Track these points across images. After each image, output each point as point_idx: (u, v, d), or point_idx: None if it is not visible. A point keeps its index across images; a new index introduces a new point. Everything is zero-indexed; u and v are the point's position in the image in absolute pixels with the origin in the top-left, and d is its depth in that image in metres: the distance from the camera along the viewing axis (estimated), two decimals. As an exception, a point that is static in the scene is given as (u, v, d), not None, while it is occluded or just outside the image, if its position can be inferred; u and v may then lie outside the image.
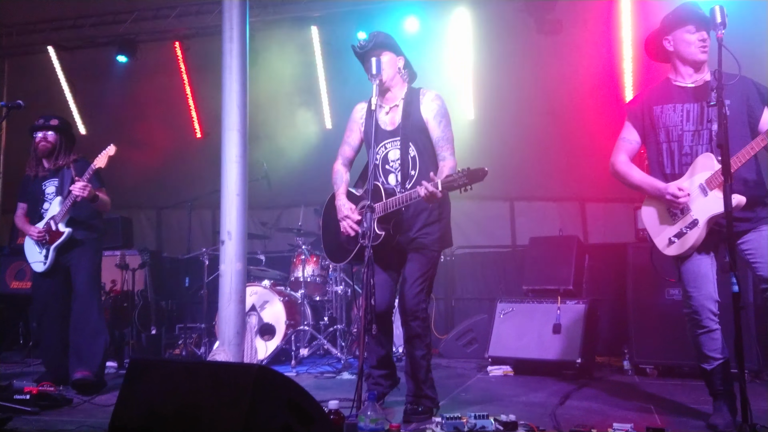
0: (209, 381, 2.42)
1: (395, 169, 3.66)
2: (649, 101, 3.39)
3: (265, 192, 6.60)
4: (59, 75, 7.87)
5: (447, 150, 3.60)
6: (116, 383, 4.81)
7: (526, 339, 5.29)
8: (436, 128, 3.61)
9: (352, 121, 3.88)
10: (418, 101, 3.65)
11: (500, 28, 6.79)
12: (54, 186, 4.80)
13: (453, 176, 3.20)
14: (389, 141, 3.67)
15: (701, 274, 3.20)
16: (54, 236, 4.67)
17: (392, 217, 3.51)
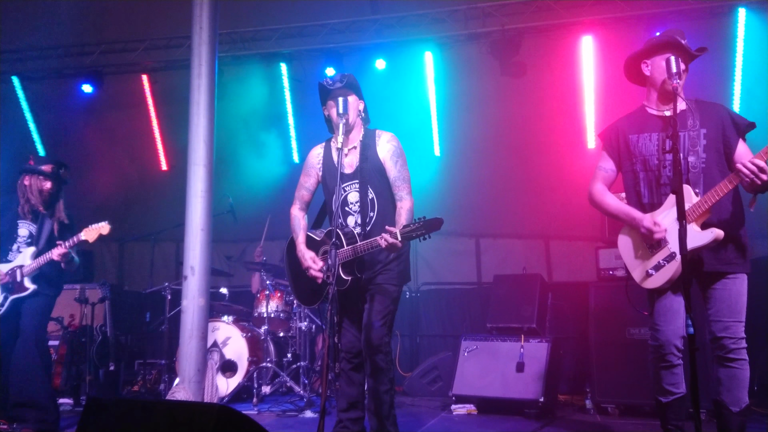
0: (167, 421, 2.37)
1: (354, 212, 3.70)
2: (624, 130, 3.34)
3: (231, 226, 6.55)
4: (23, 105, 7.76)
5: (404, 190, 3.66)
6: (72, 421, 4.67)
7: (490, 377, 5.28)
8: (393, 168, 3.68)
9: (308, 166, 3.92)
10: (375, 143, 3.72)
11: (466, 69, 6.97)
12: (29, 230, 4.65)
13: (411, 227, 3.27)
14: (348, 184, 3.71)
15: (672, 308, 3.16)
16: (17, 287, 4.51)
17: (354, 262, 3.56)
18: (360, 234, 3.60)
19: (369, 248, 3.46)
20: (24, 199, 4.64)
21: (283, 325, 6.33)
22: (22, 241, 4.65)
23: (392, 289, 3.66)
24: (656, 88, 3.30)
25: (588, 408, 5.27)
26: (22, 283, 4.51)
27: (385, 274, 3.66)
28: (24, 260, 4.56)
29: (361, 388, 3.76)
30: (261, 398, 5.67)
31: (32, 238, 4.64)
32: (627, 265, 3.31)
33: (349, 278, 3.54)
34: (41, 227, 4.64)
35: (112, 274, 8.47)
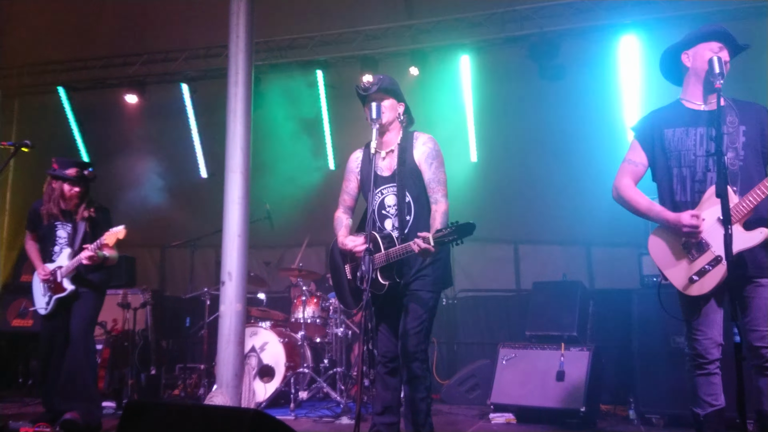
0: (203, 426, 2.39)
1: (392, 215, 3.67)
2: (659, 123, 3.17)
3: (268, 231, 6.61)
4: (69, 115, 7.98)
5: (439, 192, 3.61)
6: (114, 424, 4.75)
7: (529, 386, 5.19)
8: (428, 170, 3.63)
9: (348, 171, 3.90)
10: (412, 146, 3.69)
11: (503, 73, 6.90)
12: (66, 232, 4.75)
13: (443, 232, 3.23)
14: (385, 187, 3.69)
15: (710, 315, 3.02)
16: (58, 287, 4.64)
17: (393, 266, 3.52)
18: (398, 238, 3.57)
19: (402, 253, 3.43)
20: (53, 203, 4.72)
21: (320, 331, 6.34)
22: (62, 242, 4.75)
23: (428, 296, 3.61)
24: (697, 80, 3.14)
25: (631, 418, 5.14)
26: (61, 284, 4.64)
27: (422, 280, 3.60)
28: (63, 261, 4.69)
29: (396, 393, 3.72)
30: (298, 404, 5.68)
31: (69, 239, 4.74)
32: (663, 270, 3.12)
33: (387, 283, 3.50)
34: (75, 229, 4.74)
35: (153, 279, 8.63)
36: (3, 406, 5.95)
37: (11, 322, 7.21)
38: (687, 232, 2.99)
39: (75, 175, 4.69)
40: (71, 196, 4.71)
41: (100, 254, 4.59)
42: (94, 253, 4.53)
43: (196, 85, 7.70)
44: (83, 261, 4.53)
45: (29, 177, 7.43)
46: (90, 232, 4.71)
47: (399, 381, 3.71)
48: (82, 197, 4.77)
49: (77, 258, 4.57)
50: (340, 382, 5.73)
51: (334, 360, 6.12)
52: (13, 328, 7.20)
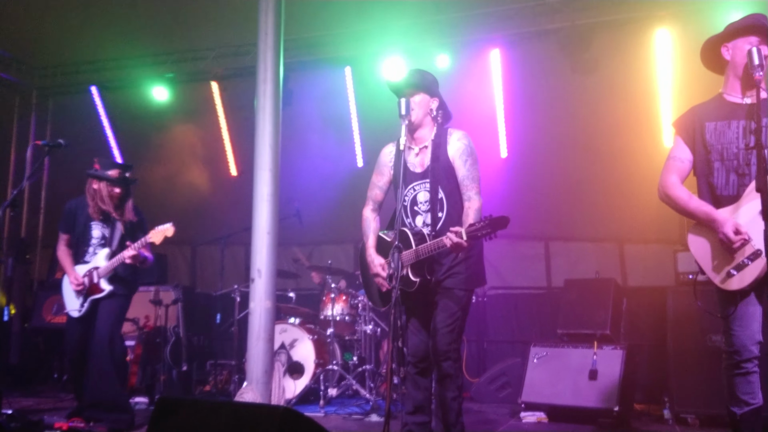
0: (233, 422, 2.39)
1: (423, 211, 3.63)
2: (701, 117, 3.12)
3: (297, 229, 6.62)
4: (101, 114, 8.10)
5: (472, 189, 3.56)
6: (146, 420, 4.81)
7: (561, 385, 5.13)
8: (462, 167, 3.58)
9: (380, 164, 3.85)
10: (446, 142, 3.63)
11: (534, 67, 6.80)
12: (102, 232, 4.77)
13: (476, 225, 3.18)
14: (418, 183, 3.64)
15: (748, 312, 2.96)
16: (93, 289, 4.66)
17: (424, 263, 3.48)
18: (430, 234, 3.53)
19: (433, 249, 3.38)
20: (93, 203, 4.74)
21: (349, 328, 6.34)
22: (96, 242, 4.77)
23: (460, 294, 3.56)
24: (737, 74, 3.09)
25: (666, 418, 5.03)
26: (98, 285, 4.65)
27: (454, 278, 3.55)
28: (99, 261, 4.70)
29: (427, 392, 3.68)
30: (328, 400, 5.68)
31: (105, 239, 4.76)
32: (701, 265, 3.07)
33: (418, 280, 3.45)
34: (113, 229, 4.76)
35: (184, 276, 8.72)
36: (39, 401, 6.07)
37: (47, 318, 7.35)
38: (720, 239, 2.95)
39: (117, 177, 4.74)
40: (113, 197, 4.74)
41: (142, 255, 4.62)
42: (137, 252, 4.55)
43: (226, 83, 7.75)
44: (126, 260, 4.55)
45: (63, 175, 7.56)
46: (127, 233, 4.74)
47: (430, 380, 3.70)
48: (122, 199, 4.79)
49: (119, 257, 4.59)
50: (370, 380, 5.72)
51: (363, 357, 6.11)
52: (49, 324, 7.34)
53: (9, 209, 4.42)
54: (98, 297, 4.66)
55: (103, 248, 4.74)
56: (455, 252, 3.34)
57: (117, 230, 4.74)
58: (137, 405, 5.60)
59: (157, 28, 7.33)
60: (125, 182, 4.80)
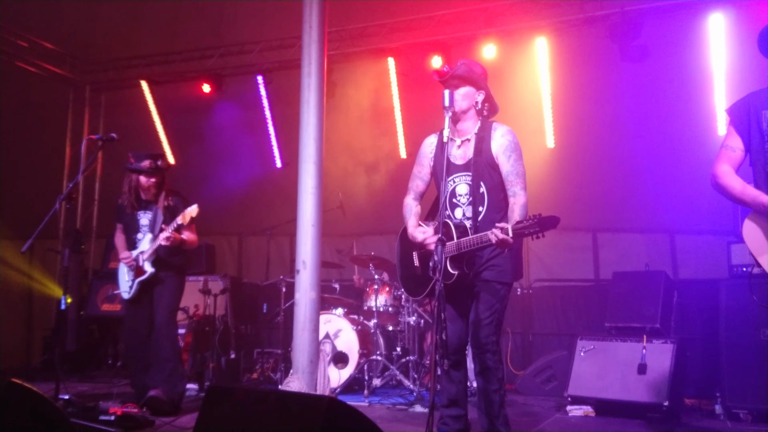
0: (279, 411, 2.43)
1: (463, 204, 3.60)
2: (756, 105, 3.03)
3: (341, 220, 6.67)
4: (151, 108, 8.29)
5: (518, 185, 3.51)
6: (195, 406, 4.94)
7: (609, 379, 5.05)
8: (506, 163, 3.54)
9: (421, 156, 3.84)
10: (490, 136, 3.59)
11: (582, 55, 6.66)
12: (147, 219, 5.02)
13: (524, 223, 3.12)
14: (459, 175, 3.62)
15: None
16: (139, 271, 4.92)
17: (464, 257, 3.45)
18: (471, 228, 3.51)
19: (476, 244, 3.35)
20: (134, 195, 5.00)
21: (392, 319, 6.37)
22: (145, 229, 5.02)
23: (499, 287, 3.53)
24: None
25: (717, 413, 4.91)
26: (142, 267, 4.90)
27: (492, 270, 3.52)
28: (144, 246, 4.95)
29: (461, 385, 3.67)
30: (372, 390, 5.72)
31: (149, 226, 5.00)
32: (756, 256, 2.97)
33: (456, 273, 3.43)
34: (154, 216, 4.98)
35: (231, 266, 8.89)
36: (94, 386, 6.29)
37: (101, 306, 7.61)
38: None
39: (149, 167, 4.94)
40: (148, 186, 4.97)
41: (179, 237, 4.82)
42: (171, 234, 4.75)
43: (271, 76, 7.82)
44: (162, 242, 4.77)
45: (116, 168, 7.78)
46: (168, 217, 4.92)
47: (464, 373, 3.68)
48: (159, 186, 5.01)
49: (156, 241, 4.83)
50: (413, 371, 5.74)
51: (407, 348, 6.14)
52: (103, 312, 7.59)
53: (65, 202, 4.62)
54: (143, 279, 4.91)
55: (148, 234, 4.97)
56: (500, 248, 3.30)
57: (158, 217, 4.96)
58: (187, 392, 5.73)
59: (204, 23, 7.45)
60: (158, 171, 4.99)
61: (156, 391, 4.69)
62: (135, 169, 4.96)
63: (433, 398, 3.06)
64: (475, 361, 3.54)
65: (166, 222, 4.89)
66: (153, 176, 4.97)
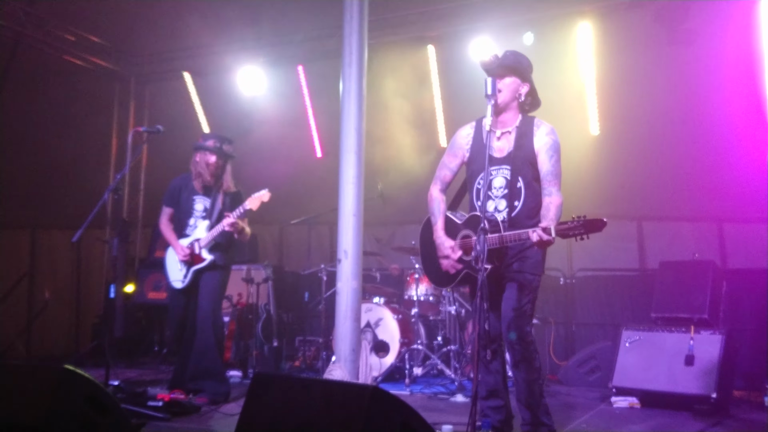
0: (323, 399, 2.46)
1: (497, 197, 3.57)
2: None
3: (380, 209, 6.68)
4: (194, 99, 8.41)
5: (554, 185, 3.47)
6: (240, 393, 5.04)
7: (655, 370, 4.97)
8: (546, 162, 3.50)
9: (455, 146, 3.80)
10: (532, 132, 3.55)
11: (627, 40, 6.50)
12: (204, 205, 4.98)
13: (568, 224, 3.10)
14: (496, 168, 3.58)
15: None
16: (196, 259, 4.87)
17: (496, 251, 3.43)
18: (504, 222, 3.47)
19: (516, 239, 3.32)
20: (195, 173, 4.99)
21: (433, 309, 6.36)
22: (199, 215, 4.99)
23: (531, 278, 3.52)
24: None
25: (767, 405, 4.79)
26: (200, 255, 4.87)
27: (523, 262, 3.52)
28: (200, 233, 4.92)
29: (499, 375, 3.67)
30: (413, 379, 5.74)
31: (206, 212, 4.97)
32: None
33: (489, 266, 3.40)
34: (213, 201, 4.95)
35: (273, 256, 8.99)
36: (141, 373, 6.46)
37: (147, 294, 7.79)
38: None
39: (212, 146, 4.94)
40: (209, 165, 4.93)
41: (241, 224, 4.80)
42: (235, 220, 4.72)
43: (311, 66, 7.85)
44: (226, 228, 4.73)
45: (160, 158, 7.94)
46: (226, 205, 4.92)
47: (500, 363, 3.68)
48: (219, 168, 4.97)
49: (219, 225, 4.78)
50: (454, 360, 5.73)
51: (448, 338, 6.13)
52: (149, 300, 7.77)
53: (113, 193, 4.72)
54: (200, 267, 4.89)
55: (204, 220, 4.94)
56: (540, 247, 3.30)
57: (217, 202, 4.94)
58: (232, 378, 5.85)
59: (245, 14, 7.50)
60: (220, 152, 4.97)
61: (201, 399, 4.68)
62: (199, 146, 4.96)
63: (476, 388, 3.05)
64: (511, 353, 3.53)
65: (226, 209, 4.88)
66: (214, 155, 4.93)
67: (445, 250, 3.59)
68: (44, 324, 7.97)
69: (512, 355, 3.52)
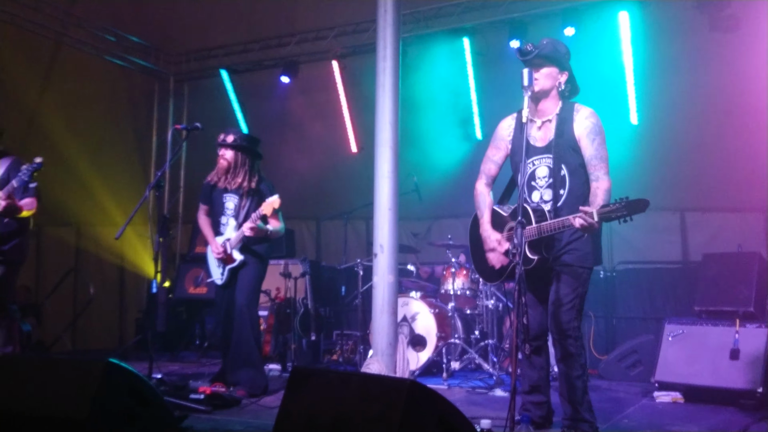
0: (361, 393, 2.47)
1: (541, 187, 3.52)
2: None
3: (416, 203, 6.67)
4: (231, 96, 8.51)
5: (600, 169, 3.40)
6: (279, 386, 5.10)
7: (699, 364, 4.87)
8: (589, 146, 3.43)
9: (498, 138, 3.76)
10: (572, 118, 3.48)
11: (668, 27, 6.35)
12: (234, 202, 4.97)
13: (610, 207, 3.04)
14: (539, 157, 3.53)
15: None
16: (229, 259, 4.91)
17: (543, 241, 3.38)
18: (550, 211, 3.43)
19: (558, 228, 3.27)
20: (218, 172, 4.92)
21: (470, 303, 6.33)
22: (230, 213, 4.97)
23: (580, 271, 3.45)
24: None
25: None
26: (231, 255, 4.89)
27: (572, 254, 3.45)
28: (230, 233, 4.92)
29: (543, 371, 3.62)
30: (450, 373, 5.73)
31: (235, 210, 4.96)
32: None
33: (536, 257, 3.37)
34: (240, 200, 4.94)
35: (310, 250, 9.06)
36: (183, 366, 6.58)
37: (188, 289, 7.93)
38: None
39: (231, 142, 4.86)
40: (230, 162, 4.85)
41: (261, 226, 4.78)
42: (254, 225, 4.72)
43: (345, 61, 7.87)
44: (246, 233, 4.76)
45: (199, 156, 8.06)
46: (255, 203, 4.89)
47: (545, 359, 3.63)
48: (243, 165, 4.88)
49: (241, 230, 4.81)
50: (492, 354, 5.70)
51: (485, 332, 6.10)
52: (190, 295, 7.91)
53: (154, 190, 4.80)
54: (233, 266, 4.92)
55: (234, 219, 4.94)
56: (584, 233, 3.22)
57: (244, 202, 4.92)
58: (270, 372, 5.92)
59: (280, 11, 7.57)
60: (239, 147, 4.86)
61: (240, 391, 4.72)
62: (219, 143, 4.90)
63: (515, 383, 3.03)
64: (556, 347, 3.48)
65: (252, 208, 4.88)
66: (231, 149, 4.85)
67: (491, 243, 3.56)
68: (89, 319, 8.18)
69: (558, 349, 3.47)
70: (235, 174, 4.88)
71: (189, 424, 3.64)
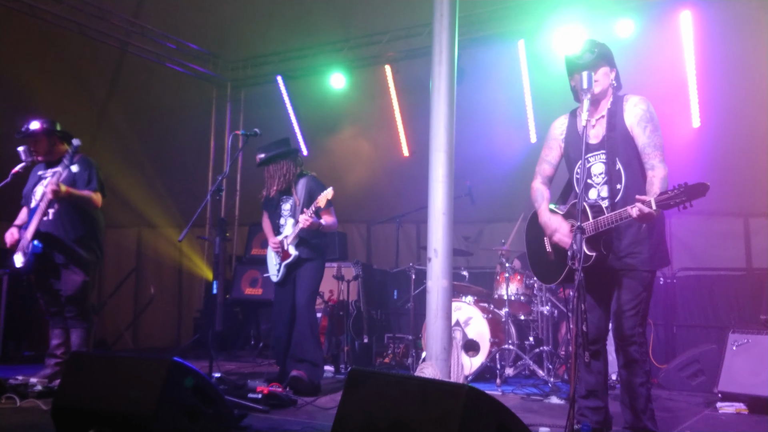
0: (419, 397, 2.48)
1: (598, 184, 3.46)
2: None
3: (468, 207, 6.63)
4: (286, 101, 8.66)
5: (656, 157, 3.31)
6: (333, 387, 5.15)
7: (764, 375, 4.68)
8: (641, 134, 3.35)
9: (551, 138, 3.73)
10: (622, 109, 3.43)
11: (732, 27, 6.15)
12: (289, 204, 5.27)
13: (669, 194, 2.93)
14: (593, 154, 3.48)
15: None
16: (285, 255, 5.17)
17: (601, 236, 3.30)
18: (608, 207, 3.35)
19: (615, 220, 3.18)
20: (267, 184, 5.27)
21: (524, 308, 6.26)
22: (287, 214, 5.27)
23: (644, 274, 3.36)
24: None
25: None
26: (287, 251, 5.15)
27: (636, 257, 3.35)
28: (288, 231, 5.20)
29: (601, 376, 3.54)
30: (504, 379, 5.68)
31: (291, 210, 5.24)
32: None
33: (594, 254, 3.27)
34: (295, 201, 5.23)
35: (362, 253, 9.13)
36: (239, 365, 6.72)
37: (244, 290, 8.10)
38: None
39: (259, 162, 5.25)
40: (270, 174, 5.23)
41: (315, 219, 5.00)
42: (309, 217, 4.95)
43: (398, 65, 7.91)
44: (301, 224, 4.99)
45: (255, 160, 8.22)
46: (307, 200, 5.14)
47: (603, 364, 3.55)
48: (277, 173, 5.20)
49: (297, 224, 5.06)
50: (547, 361, 5.62)
51: (540, 338, 6.01)
52: (246, 296, 8.08)
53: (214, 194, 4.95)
54: (290, 262, 5.15)
55: (291, 218, 5.23)
56: (642, 222, 3.13)
57: (294, 201, 5.22)
58: (325, 373, 5.99)
59: (334, 17, 7.66)
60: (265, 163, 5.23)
61: (299, 372, 4.92)
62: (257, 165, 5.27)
63: (574, 391, 2.98)
64: (619, 354, 3.41)
65: (306, 205, 5.11)
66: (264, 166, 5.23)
67: (552, 224, 3.48)
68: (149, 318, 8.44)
69: (621, 356, 3.40)
70: (279, 181, 5.22)
71: (248, 423, 3.71)
